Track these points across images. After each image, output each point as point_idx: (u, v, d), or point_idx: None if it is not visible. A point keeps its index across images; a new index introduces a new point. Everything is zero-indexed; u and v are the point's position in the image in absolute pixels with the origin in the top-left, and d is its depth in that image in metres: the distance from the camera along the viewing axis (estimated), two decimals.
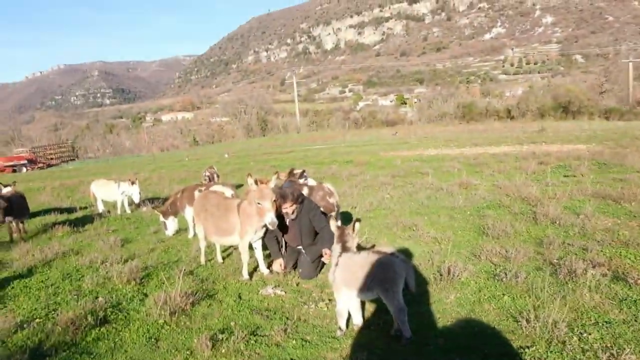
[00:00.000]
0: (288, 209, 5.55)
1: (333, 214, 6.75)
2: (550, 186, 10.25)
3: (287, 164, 20.51)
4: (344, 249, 4.13)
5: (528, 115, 51.06)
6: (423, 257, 5.99)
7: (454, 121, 55.37)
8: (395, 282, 3.80)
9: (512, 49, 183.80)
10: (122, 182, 11.60)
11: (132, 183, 11.25)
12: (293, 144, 41.80)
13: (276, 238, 5.89)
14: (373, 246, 6.14)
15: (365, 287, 3.86)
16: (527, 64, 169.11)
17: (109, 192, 11.59)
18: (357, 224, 4.21)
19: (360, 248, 4.43)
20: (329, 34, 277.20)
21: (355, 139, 40.05)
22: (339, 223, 4.44)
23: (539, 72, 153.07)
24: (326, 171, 16.43)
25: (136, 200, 11.39)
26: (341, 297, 4.08)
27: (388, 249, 4.08)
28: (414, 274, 3.96)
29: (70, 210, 12.29)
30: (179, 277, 5.28)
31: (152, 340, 4.25)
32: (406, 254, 5.88)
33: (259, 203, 5.11)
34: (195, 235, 7.62)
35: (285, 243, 6.01)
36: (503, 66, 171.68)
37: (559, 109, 50.67)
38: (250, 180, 5.22)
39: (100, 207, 11.76)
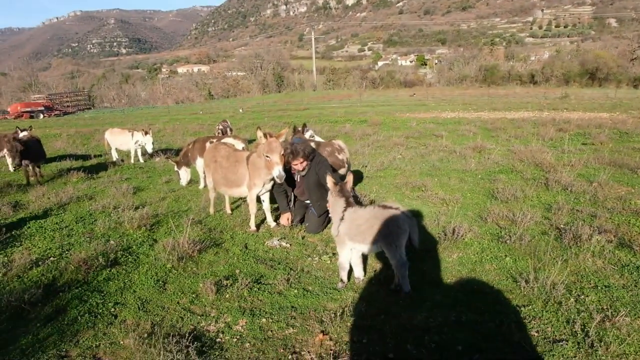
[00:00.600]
0: (299, 165, 5.54)
1: (343, 170, 6.76)
2: (567, 153, 10.06)
3: (302, 121, 20.37)
4: (348, 203, 4.16)
5: (552, 81, 49.52)
6: (430, 217, 6.01)
7: (475, 84, 54.04)
8: (399, 237, 3.83)
9: (542, 10, 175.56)
10: (136, 131, 11.71)
11: (146, 133, 11.34)
12: (309, 101, 41.40)
13: (285, 192, 5.94)
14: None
15: (369, 240, 3.91)
16: (557, 26, 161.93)
17: (123, 141, 11.72)
18: (351, 177, 4.34)
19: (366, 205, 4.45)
20: None
21: (371, 99, 39.47)
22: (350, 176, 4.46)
23: (568, 36, 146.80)
24: (340, 130, 16.31)
25: (149, 150, 11.52)
26: (344, 250, 4.15)
27: (394, 204, 4.09)
28: (417, 230, 3.97)
29: (85, 157, 12.52)
30: (187, 225, 5.43)
31: (160, 282, 4.41)
32: (413, 213, 5.88)
33: (267, 156, 5.12)
34: (205, 186, 7.73)
35: (295, 197, 6.05)
36: (531, 28, 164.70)
37: (586, 75, 48.94)
38: (260, 134, 5.20)
39: (115, 156, 11.94)
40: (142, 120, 25.86)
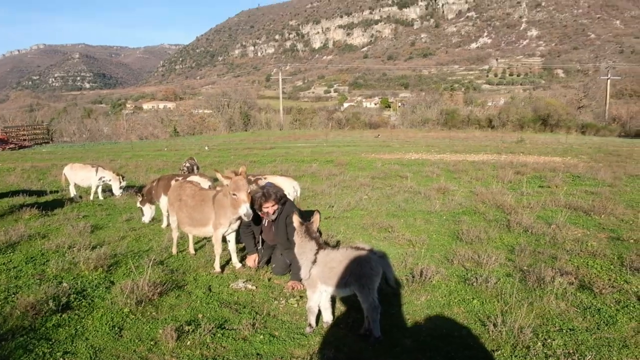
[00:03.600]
0: (269, 208, 5.44)
1: None
2: (525, 195, 10.44)
3: (268, 160, 20.43)
4: (319, 245, 4.10)
5: (508, 126, 52.02)
6: (397, 258, 6.01)
7: (436, 127, 56.03)
8: (372, 279, 3.79)
9: (497, 60, 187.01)
10: (101, 167, 11.31)
11: (123, 178, 11.19)
12: (275, 140, 41.56)
13: (252, 233, 5.81)
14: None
15: (342, 283, 3.85)
16: (511, 75, 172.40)
17: (85, 177, 11.23)
18: (317, 216, 4.24)
19: (333, 247, 4.41)
20: (318, 32, 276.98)
21: (337, 139, 40.01)
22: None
23: (521, 84, 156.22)
24: (306, 169, 16.36)
25: (116, 193, 11.22)
26: (315, 294, 4.06)
27: (365, 245, 4.05)
28: (392, 269, 3.95)
29: (40, 193, 11.93)
30: (148, 266, 5.18)
31: (116, 329, 4.14)
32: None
33: (234, 194, 5.02)
34: (168, 225, 7.48)
35: (262, 239, 5.92)
36: (487, 76, 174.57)
37: (539, 121, 51.80)
38: (218, 175, 5.10)
39: (73, 192, 11.45)
40: (104, 156, 25.08)
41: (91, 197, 11.25)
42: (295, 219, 4.26)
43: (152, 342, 3.88)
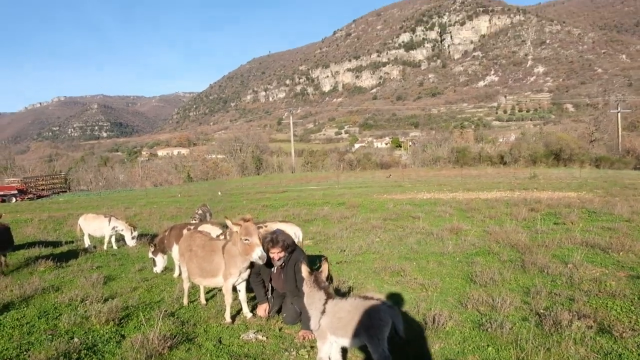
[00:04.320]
0: (275, 255, 5.43)
1: None
2: (540, 234, 10.27)
3: (280, 204, 20.52)
4: (328, 295, 4.08)
5: (520, 162, 51.83)
6: (409, 303, 5.90)
7: (448, 165, 56.04)
8: (381, 330, 3.72)
9: (505, 97, 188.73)
10: (114, 217, 11.50)
11: (134, 228, 11.29)
12: (287, 183, 41.90)
13: (262, 282, 5.79)
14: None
15: (352, 334, 3.79)
16: (520, 111, 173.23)
17: (98, 227, 11.45)
18: (326, 265, 4.22)
19: (344, 294, 4.38)
20: (327, 76, 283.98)
21: (349, 181, 40.23)
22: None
23: (531, 120, 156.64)
24: (318, 212, 16.38)
25: (130, 243, 11.30)
26: (325, 345, 3.99)
27: (376, 294, 4.01)
28: (402, 319, 3.88)
29: (55, 244, 12.11)
30: (159, 319, 5.15)
31: None
32: (393, 300, 5.79)
33: (246, 239, 5.05)
34: (180, 274, 7.50)
35: (272, 287, 5.89)
36: (496, 113, 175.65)
37: (551, 156, 51.54)
38: (229, 223, 5.18)
39: (87, 242, 11.60)
40: (119, 204, 25.49)
41: (104, 247, 11.38)
42: (304, 269, 4.24)
43: None
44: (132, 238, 11.32)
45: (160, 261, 8.11)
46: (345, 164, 65.93)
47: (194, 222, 10.11)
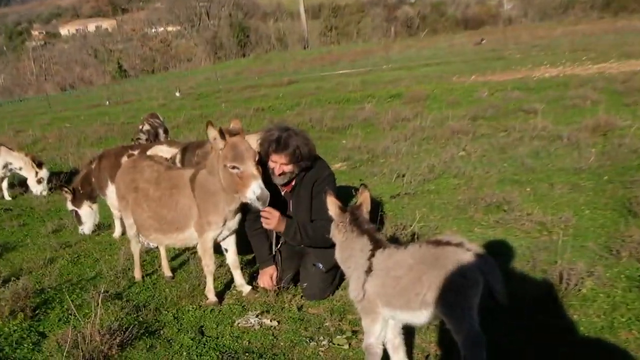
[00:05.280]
0: (276, 165, 3.60)
1: None
2: None
3: (287, 105, 14.97)
4: (375, 242, 2.78)
5: None
6: (518, 253, 4.12)
7: (590, 14, 37.34)
8: (466, 294, 2.55)
9: None
10: (3, 147, 8.34)
11: (40, 165, 8.15)
12: (297, 68, 29.63)
13: (264, 232, 3.93)
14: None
15: (417, 304, 2.64)
16: None
17: None
18: (367, 193, 2.95)
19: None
20: None
21: (407, 55, 28.70)
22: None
23: None
24: (356, 114, 11.99)
25: (34, 191, 8.27)
26: (375, 324, 2.81)
27: (456, 238, 2.71)
28: (500, 276, 2.53)
29: None
30: (97, 304, 3.50)
31: None
32: (488, 249, 3.78)
33: (234, 167, 3.31)
34: (124, 232, 5.36)
35: (279, 239, 4.00)
36: None
37: None
38: (213, 133, 3.33)
39: None
40: (5, 125, 17.69)
41: None
42: (332, 202, 2.86)
43: None
44: (38, 181, 8.20)
45: (88, 214, 5.88)
46: (398, 26, 44.39)
47: (138, 143, 7.62)
